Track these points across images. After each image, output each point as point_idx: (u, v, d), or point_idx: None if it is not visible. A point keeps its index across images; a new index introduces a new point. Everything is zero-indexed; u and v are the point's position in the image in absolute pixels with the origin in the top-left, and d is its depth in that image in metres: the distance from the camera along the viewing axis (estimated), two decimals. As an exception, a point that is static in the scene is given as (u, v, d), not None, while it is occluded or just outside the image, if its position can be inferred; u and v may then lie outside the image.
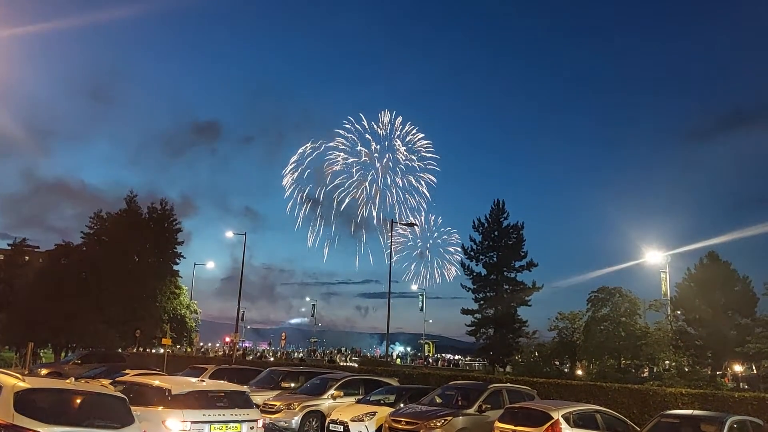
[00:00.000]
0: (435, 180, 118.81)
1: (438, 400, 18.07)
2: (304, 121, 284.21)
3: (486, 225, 45.77)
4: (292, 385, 22.88)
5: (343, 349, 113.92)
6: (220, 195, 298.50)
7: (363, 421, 17.34)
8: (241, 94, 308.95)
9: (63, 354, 51.32)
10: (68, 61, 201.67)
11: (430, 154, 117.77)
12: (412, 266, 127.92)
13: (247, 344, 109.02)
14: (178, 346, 59.48)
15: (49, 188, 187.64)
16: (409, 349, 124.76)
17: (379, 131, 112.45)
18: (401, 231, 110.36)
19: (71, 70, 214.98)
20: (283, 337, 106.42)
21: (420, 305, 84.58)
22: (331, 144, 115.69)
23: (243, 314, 73.30)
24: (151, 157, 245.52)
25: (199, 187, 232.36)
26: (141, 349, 52.50)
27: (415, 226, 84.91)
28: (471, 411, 16.53)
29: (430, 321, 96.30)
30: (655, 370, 36.93)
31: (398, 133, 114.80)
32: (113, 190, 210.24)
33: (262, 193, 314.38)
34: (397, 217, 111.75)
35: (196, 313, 61.38)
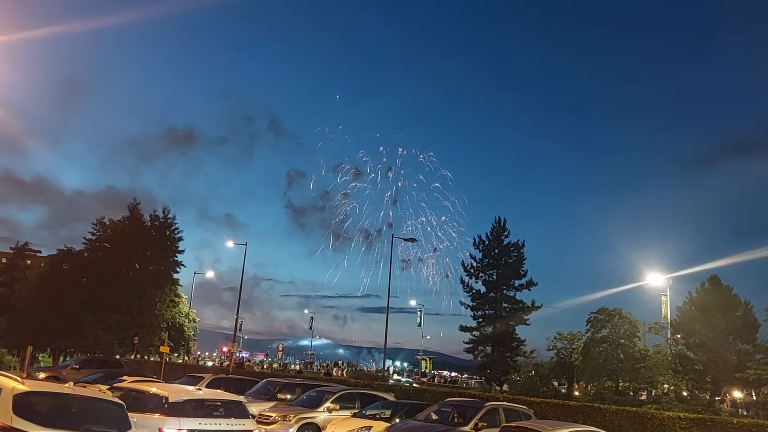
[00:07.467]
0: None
1: (434, 417, 18.02)
2: (275, 123, 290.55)
3: (487, 243, 45.74)
4: (288, 396, 22.85)
5: (339, 362, 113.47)
6: (194, 199, 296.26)
7: (358, 435, 17.30)
8: (212, 97, 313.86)
9: (61, 358, 51.28)
10: (44, 66, 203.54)
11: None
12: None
13: (244, 354, 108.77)
14: (176, 354, 59.34)
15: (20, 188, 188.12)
16: (405, 364, 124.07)
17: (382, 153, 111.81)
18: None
19: (47, 75, 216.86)
20: (280, 349, 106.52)
21: (418, 321, 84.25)
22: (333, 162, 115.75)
23: (241, 324, 73.21)
24: (125, 161, 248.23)
25: (173, 192, 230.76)
26: (139, 356, 52.40)
27: (415, 241, 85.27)
28: (467, 429, 16.48)
29: (428, 337, 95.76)
30: (653, 394, 36.68)
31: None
32: (88, 192, 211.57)
33: (240, 200, 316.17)
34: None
35: (195, 322, 61.28)
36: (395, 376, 72.03)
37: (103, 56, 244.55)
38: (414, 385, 44.00)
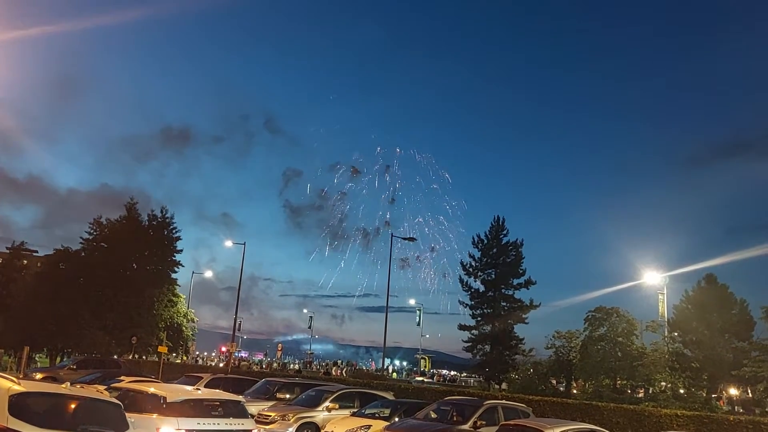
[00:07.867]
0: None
1: (433, 415, 18.03)
2: (270, 122, 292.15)
3: (485, 242, 45.79)
4: (288, 396, 22.84)
5: (339, 361, 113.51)
6: (190, 199, 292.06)
7: (357, 434, 17.30)
8: (207, 96, 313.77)
9: (58, 359, 51.13)
10: (39, 64, 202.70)
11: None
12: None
13: (243, 354, 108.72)
14: (174, 354, 59.21)
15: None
16: (405, 363, 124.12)
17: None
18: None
19: (42, 73, 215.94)
20: (279, 348, 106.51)
21: (417, 320, 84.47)
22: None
23: (240, 324, 73.17)
24: (121, 160, 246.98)
25: (169, 191, 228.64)
26: (137, 356, 52.32)
27: (414, 240, 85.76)
28: (466, 427, 16.50)
29: (427, 336, 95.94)
30: (650, 391, 36.71)
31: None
32: (83, 191, 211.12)
33: (237, 199, 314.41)
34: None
35: (193, 322, 61.18)
36: (418, 378, 71.41)
37: (98, 55, 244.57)
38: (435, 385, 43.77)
